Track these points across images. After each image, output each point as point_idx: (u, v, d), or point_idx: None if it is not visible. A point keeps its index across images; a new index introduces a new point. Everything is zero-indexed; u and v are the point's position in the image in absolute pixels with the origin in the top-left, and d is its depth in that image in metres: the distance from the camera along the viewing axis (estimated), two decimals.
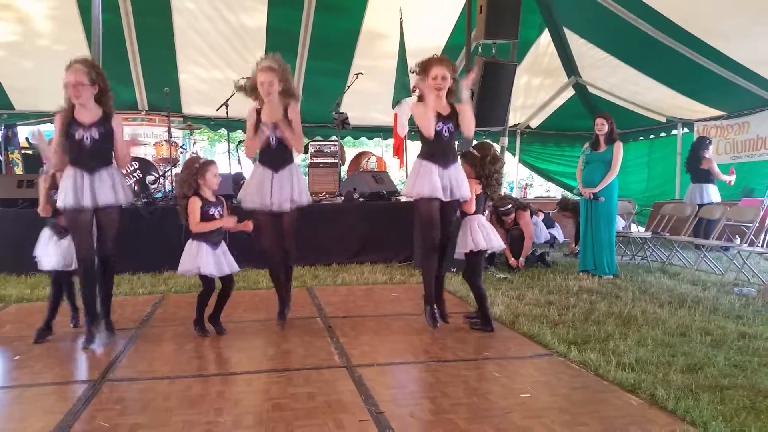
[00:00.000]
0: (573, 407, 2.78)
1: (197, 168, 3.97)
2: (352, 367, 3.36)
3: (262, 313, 4.59)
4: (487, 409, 2.75)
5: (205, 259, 3.91)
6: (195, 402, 2.86)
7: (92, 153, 3.75)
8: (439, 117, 4.01)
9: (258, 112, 4.09)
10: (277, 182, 4.07)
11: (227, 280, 4.09)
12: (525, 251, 6.81)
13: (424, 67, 4.03)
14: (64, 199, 3.66)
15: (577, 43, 9.25)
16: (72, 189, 3.65)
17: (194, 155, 8.02)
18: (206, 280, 4.02)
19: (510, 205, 6.96)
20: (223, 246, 4.05)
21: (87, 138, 3.72)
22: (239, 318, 4.31)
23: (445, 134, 4.05)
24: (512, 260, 6.76)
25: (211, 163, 4.05)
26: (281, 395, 2.93)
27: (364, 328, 4.22)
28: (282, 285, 4.30)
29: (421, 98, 4.07)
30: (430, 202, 4.01)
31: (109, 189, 3.76)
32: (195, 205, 3.93)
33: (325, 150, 8.88)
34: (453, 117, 4.06)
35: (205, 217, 3.95)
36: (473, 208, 4.12)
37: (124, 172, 4.82)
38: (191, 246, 3.96)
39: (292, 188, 4.09)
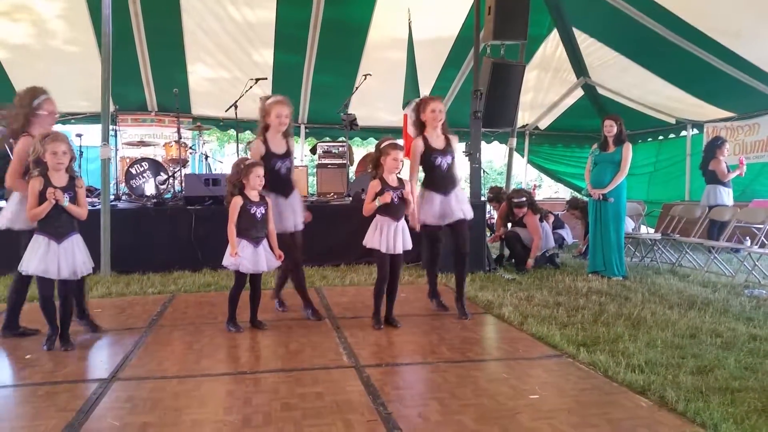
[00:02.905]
0: (582, 409, 2.77)
1: (242, 168, 4.07)
2: (361, 367, 3.37)
3: (270, 313, 4.61)
4: (495, 410, 2.75)
5: (243, 256, 4.02)
6: (204, 401, 2.88)
7: None
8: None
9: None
10: None
11: (253, 279, 4.18)
12: (534, 252, 6.80)
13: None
14: None
15: (585, 42, 9.21)
16: None
17: (244, 157, 8.04)
18: (239, 276, 4.13)
19: (524, 198, 6.99)
20: (265, 244, 4.14)
21: None
22: (247, 317, 4.31)
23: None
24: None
25: (256, 164, 4.12)
26: (290, 395, 2.94)
27: (372, 328, 4.23)
28: None
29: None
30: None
31: None
32: (234, 204, 4.03)
33: (333, 151, 8.89)
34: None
35: (247, 215, 4.03)
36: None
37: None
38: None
39: None
